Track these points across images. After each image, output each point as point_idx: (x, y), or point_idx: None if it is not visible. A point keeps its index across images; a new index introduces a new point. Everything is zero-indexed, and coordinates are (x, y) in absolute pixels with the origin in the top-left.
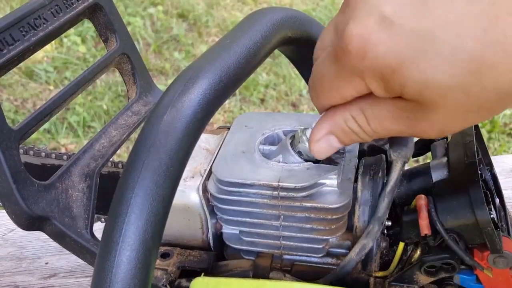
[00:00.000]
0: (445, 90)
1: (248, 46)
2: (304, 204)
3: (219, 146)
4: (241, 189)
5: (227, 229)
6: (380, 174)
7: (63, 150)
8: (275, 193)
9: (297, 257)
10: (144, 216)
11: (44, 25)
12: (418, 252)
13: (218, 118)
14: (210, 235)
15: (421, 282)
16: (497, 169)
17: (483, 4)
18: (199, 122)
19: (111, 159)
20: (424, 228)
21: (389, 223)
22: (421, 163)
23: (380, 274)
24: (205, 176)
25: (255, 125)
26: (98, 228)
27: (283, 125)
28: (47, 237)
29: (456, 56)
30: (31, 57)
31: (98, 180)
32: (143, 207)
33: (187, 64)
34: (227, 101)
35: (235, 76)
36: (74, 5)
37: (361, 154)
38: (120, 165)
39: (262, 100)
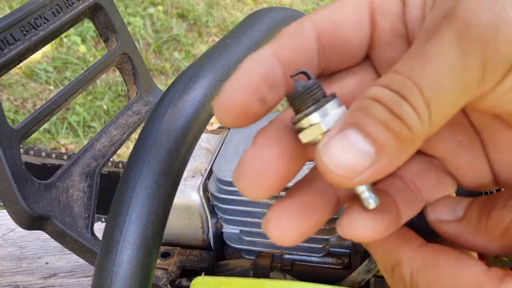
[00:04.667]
0: None
1: (249, 45)
2: None
3: (220, 146)
4: None
5: (227, 229)
6: None
7: (63, 150)
8: None
9: (298, 257)
10: (145, 215)
11: (45, 25)
12: None
13: None
14: (210, 234)
15: None
16: None
17: None
18: (200, 122)
19: (111, 159)
20: None
21: None
22: None
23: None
24: (205, 175)
25: (255, 124)
26: (98, 228)
27: None
28: (47, 237)
29: None
30: (31, 57)
31: (99, 180)
32: (144, 206)
33: (187, 64)
34: None
35: None
36: (75, 5)
37: None
38: (120, 165)
39: None
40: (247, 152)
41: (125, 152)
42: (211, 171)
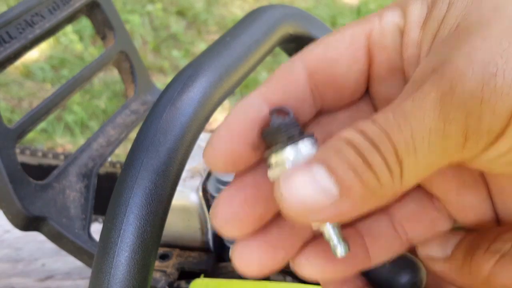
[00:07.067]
0: None
1: (249, 43)
2: None
3: None
4: None
5: None
6: None
7: (60, 150)
8: None
9: None
10: (143, 217)
11: (41, 22)
12: None
13: (218, 117)
14: (210, 236)
15: None
16: None
17: None
18: (198, 121)
19: (109, 159)
20: None
21: None
22: None
23: None
24: (204, 176)
25: None
26: (96, 229)
27: None
28: (44, 238)
29: None
30: (27, 55)
31: (96, 180)
32: (141, 207)
33: (186, 63)
34: (226, 100)
35: (235, 74)
36: (72, 2)
37: None
38: (118, 165)
39: None
40: (222, 194)
41: (123, 152)
42: (210, 172)
